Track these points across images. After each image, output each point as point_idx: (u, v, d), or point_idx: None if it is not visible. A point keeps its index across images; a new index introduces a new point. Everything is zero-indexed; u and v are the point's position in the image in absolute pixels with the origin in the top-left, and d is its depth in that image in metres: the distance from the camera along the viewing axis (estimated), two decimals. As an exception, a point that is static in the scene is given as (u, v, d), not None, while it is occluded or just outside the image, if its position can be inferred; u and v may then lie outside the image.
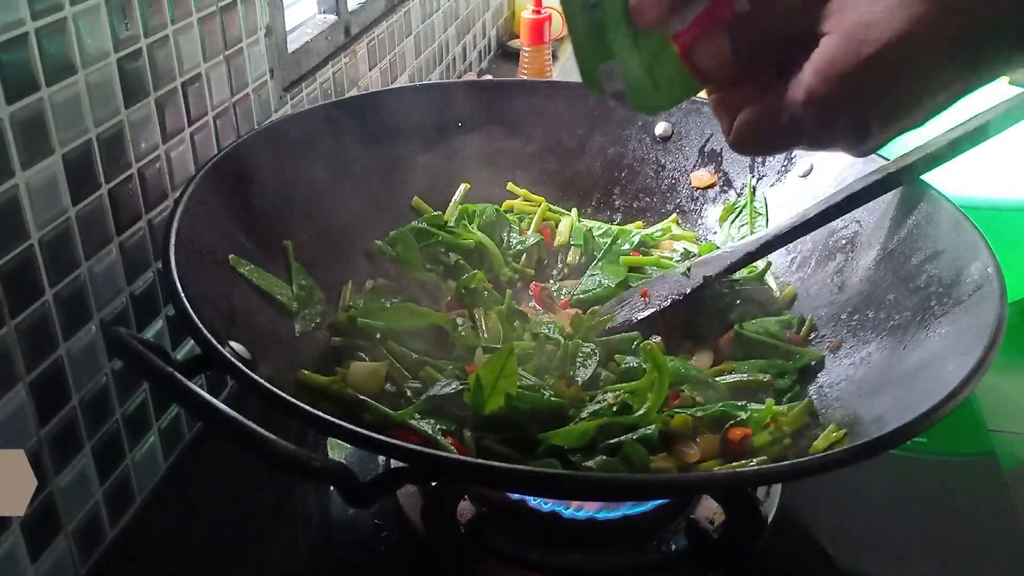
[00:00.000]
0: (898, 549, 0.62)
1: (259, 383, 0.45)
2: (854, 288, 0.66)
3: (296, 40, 0.84)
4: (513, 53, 1.48)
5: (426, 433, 0.54)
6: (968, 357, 0.48)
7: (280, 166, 0.68)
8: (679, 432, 0.56)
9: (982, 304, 0.53)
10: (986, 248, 0.57)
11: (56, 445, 0.54)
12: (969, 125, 0.62)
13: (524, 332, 0.67)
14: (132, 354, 0.43)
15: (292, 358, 0.59)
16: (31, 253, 0.50)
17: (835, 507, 0.64)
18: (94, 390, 0.57)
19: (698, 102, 0.81)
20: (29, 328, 0.51)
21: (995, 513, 0.65)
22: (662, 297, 0.69)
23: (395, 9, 1.07)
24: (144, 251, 0.61)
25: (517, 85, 0.96)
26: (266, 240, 0.64)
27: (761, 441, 0.56)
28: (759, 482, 0.57)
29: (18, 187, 0.49)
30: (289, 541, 0.62)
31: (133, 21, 0.57)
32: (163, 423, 0.65)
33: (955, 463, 0.71)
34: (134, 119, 0.58)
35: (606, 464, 0.53)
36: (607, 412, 0.56)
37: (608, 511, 0.57)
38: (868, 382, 0.58)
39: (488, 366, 0.54)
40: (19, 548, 0.52)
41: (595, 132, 0.83)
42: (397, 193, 0.77)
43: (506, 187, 0.82)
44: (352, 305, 0.67)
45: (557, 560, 0.57)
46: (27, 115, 0.49)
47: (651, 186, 0.82)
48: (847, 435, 0.53)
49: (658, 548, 0.58)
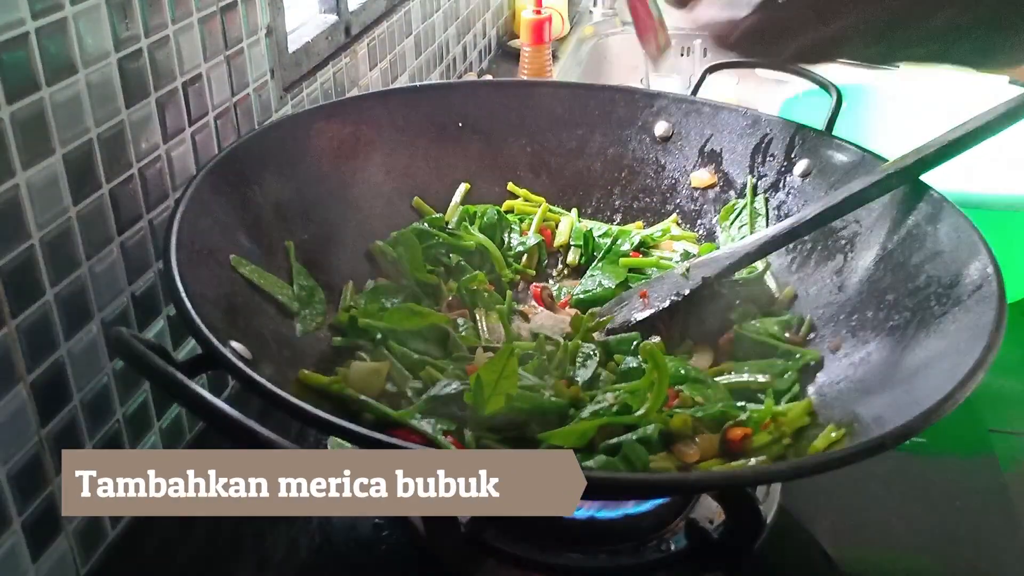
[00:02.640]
0: (898, 549, 0.62)
1: (260, 383, 0.45)
2: (854, 288, 0.66)
3: (296, 40, 0.84)
4: (513, 53, 1.48)
5: (427, 433, 0.54)
6: (968, 357, 0.48)
7: (280, 166, 0.68)
8: (679, 432, 0.56)
9: (982, 304, 0.54)
10: (986, 248, 0.57)
11: (57, 445, 0.54)
12: (968, 125, 0.62)
13: (524, 332, 0.67)
14: (133, 354, 0.43)
15: (293, 358, 0.59)
16: (32, 253, 0.50)
17: (835, 507, 0.64)
18: (95, 390, 0.57)
19: (698, 103, 0.81)
20: (30, 328, 0.51)
21: (995, 513, 0.65)
22: (661, 298, 0.69)
23: (395, 9, 1.07)
24: (145, 251, 0.61)
25: (517, 85, 0.96)
26: (266, 240, 0.64)
27: (760, 441, 0.56)
28: (759, 482, 0.57)
29: (19, 187, 0.49)
30: (289, 541, 0.62)
31: (133, 21, 0.57)
32: (164, 423, 0.65)
33: (955, 463, 0.71)
34: (135, 119, 0.58)
35: (606, 464, 0.53)
36: (607, 412, 0.56)
37: (608, 511, 0.57)
38: (868, 382, 0.58)
39: (489, 366, 0.54)
40: (20, 548, 0.52)
41: (595, 132, 0.83)
42: (397, 193, 0.77)
43: (506, 187, 0.82)
44: (353, 305, 0.67)
45: (557, 560, 0.57)
46: (28, 115, 0.49)
47: (651, 186, 0.82)
48: (847, 435, 0.53)
49: (658, 548, 0.58)
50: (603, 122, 0.83)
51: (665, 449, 0.55)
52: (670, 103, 0.82)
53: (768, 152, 0.77)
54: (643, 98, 0.83)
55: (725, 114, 0.80)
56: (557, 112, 0.83)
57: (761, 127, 0.78)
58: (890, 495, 0.66)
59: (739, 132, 0.79)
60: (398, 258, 0.71)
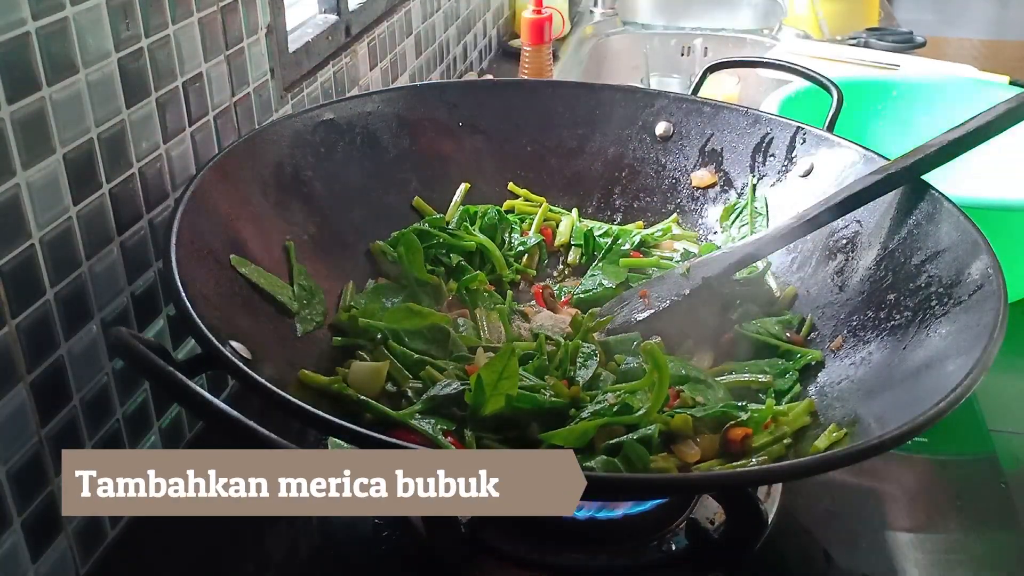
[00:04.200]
0: (898, 549, 0.62)
1: (260, 383, 0.45)
2: (854, 288, 0.66)
3: (297, 40, 0.84)
4: (513, 53, 1.48)
5: (426, 433, 0.54)
6: (968, 357, 0.48)
7: (280, 166, 0.68)
8: (680, 432, 0.56)
9: (982, 304, 0.54)
10: (986, 248, 0.57)
11: (57, 445, 0.54)
12: (969, 125, 0.62)
13: (524, 332, 0.67)
14: (133, 354, 0.43)
15: (293, 358, 0.59)
16: (32, 252, 0.50)
17: (835, 507, 0.64)
18: (95, 390, 0.57)
19: (699, 102, 0.81)
20: (30, 328, 0.51)
21: (995, 513, 0.65)
22: (661, 298, 0.69)
23: (395, 9, 1.07)
24: (145, 251, 0.61)
25: (517, 85, 0.96)
26: (266, 240, 0.64)
27: (761, 441, 0.56)
28: (759, 482, 0.57)
29: (19, 187, 0.49)
30: (289, 541, 0.62)
31: (134, 21, 0.57)
32: (164, 423, 0.65)
33: (955, 463, 0.71)
34: (135, 119, 0.58)
35: (606, 464, 0.53)
36: (607, 412, 0.56)
37: (608, 511, 0.57)
38: (868, 382, 0.58)
39: (489, 367, 0.54)
40: (20, 548, 0.52)
41: (595, 132, 0.83)
42: (397, 193, 0.77)
43: (506, 187, 0.82)
44: (353, 305, 0.67)
45: (557, 560, 0.57)
46: (28, 115, 0.49)
47: (651, 186, 0.82)
48: (847, 435, 0.53)
49: (658, 548, 0.58)
50: (603, 122, 0.83)
51: (666, 449, 0.55)
52: (670, 102, 0.82)
53: (769, 152, 0.77)
54: (643, 98, 0.83)
55: (726, 113, 0.80)
56: (557, 112, 0.83)
57: (762, 126, 0.78)
58: (891, 495, 0.66)
59: (740, 131, 0.79)
60: (398, 258, 0.71)
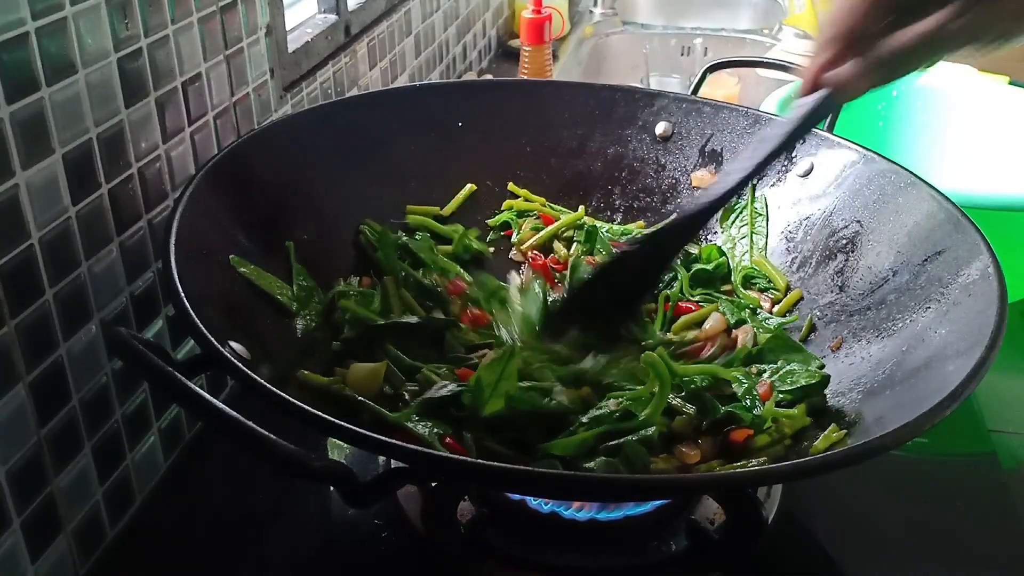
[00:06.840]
0: (898, 549, 0.62)
1: (259, 383, 0.45)
2: (855, 288, 0.66)
3: (296, 40, 0.84)
4: (513, 53, 1.48)
5: (422, 436, 0.53)
6: (968, 357, 0.48)
7: (280, 166, 0.68)
8: (680, 433, 0.56)
9: (982, 304, 0.53)
10: (986, 248, 0.57)
11: (56, 445, 0.54)
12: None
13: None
14: (132, 354, 0.43)
15: (292, 358, 0.59)
16: (31, 253, 0.50)
17: (835, 507, 0.64)
18: (94, 390, 0.57)
19: (699, 102, 0.81)
20: (29, 328, 0.51)
21: (995, 513, 0.65)
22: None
23: (395, 9, 1.07)
24: (144, 251, 0.61)
25: (517, 85, 0.96)
26: (266, 240, 0.64)
27: (762, 442, 0.56)
28: (759, 482, 0.57)
29: (18, 187, 0.49)
30: (289, 541, 0.62)
31: (133, 21, 0.57)
32: (163, 423, 0.65)
33: (955, 463, 0.71)
34: (134, 119, 0.58)
35: (607, 464, 0.53)
36: (608, 419, 0.56)
37: (608, 511, 0.57)
38: (869, 382, 0.58)
39: (489, 367, 0.54)
40: (19, 548, 0.52)
41: (595, 132, 0.83)
42: (397, 193, 0.77)
43: (506, 187, 0.82)
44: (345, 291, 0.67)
45: (557, 561, 0.57)
46: (27, 115, 0.49)
47: (651, 186, 0.82)
48: (847, 435, 0.53)
49: (658, 548, 0.58)
50: (603, 122, 0.83)
51: (666, 450, 0.55)
52: (670, 102, 0.82)
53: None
54: (643, 97, 0.83)
55: (725, 113, 0.80)
56: (557, 112, 0.83)
57: (762, 126, 0.78)
58: (890, 495, 0.66)
59: (740, 131, 0.79)
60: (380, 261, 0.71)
